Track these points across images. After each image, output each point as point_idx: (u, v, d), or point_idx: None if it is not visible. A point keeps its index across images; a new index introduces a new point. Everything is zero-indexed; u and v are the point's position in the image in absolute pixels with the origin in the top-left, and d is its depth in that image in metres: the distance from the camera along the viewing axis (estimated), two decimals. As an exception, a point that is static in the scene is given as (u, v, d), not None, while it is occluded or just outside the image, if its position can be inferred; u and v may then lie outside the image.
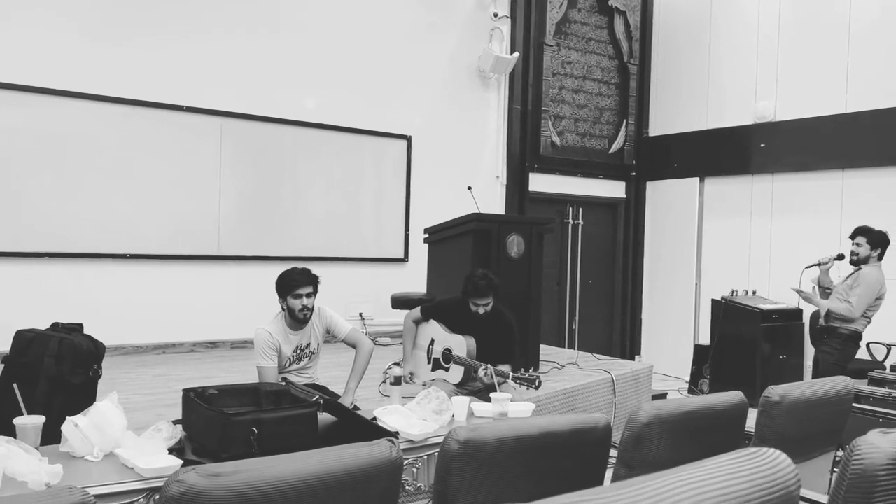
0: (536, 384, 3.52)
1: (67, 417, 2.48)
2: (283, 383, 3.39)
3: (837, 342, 5.16)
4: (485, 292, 3.99)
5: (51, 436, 2.53)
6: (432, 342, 4.26)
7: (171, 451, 2.49)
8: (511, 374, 3.62)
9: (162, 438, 2.52)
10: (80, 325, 3.55)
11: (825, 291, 5.41)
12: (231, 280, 6.61)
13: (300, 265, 3.83)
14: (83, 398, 3.16)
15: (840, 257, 5.34)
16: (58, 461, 2.25)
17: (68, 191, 5.87)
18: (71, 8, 5.87)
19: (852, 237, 5.23)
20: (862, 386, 4.14)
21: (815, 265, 5.40)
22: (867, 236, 5.15)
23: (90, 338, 3.47)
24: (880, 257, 5.17)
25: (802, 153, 7.61)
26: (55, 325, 3.50)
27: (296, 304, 3.65)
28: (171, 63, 6.29)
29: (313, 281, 3.71)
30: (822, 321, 5.25)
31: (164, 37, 6.26)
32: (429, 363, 4.30)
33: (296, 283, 3.65)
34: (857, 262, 5.16)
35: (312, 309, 3.73)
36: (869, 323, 5.21)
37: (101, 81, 5.96)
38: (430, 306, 4.40)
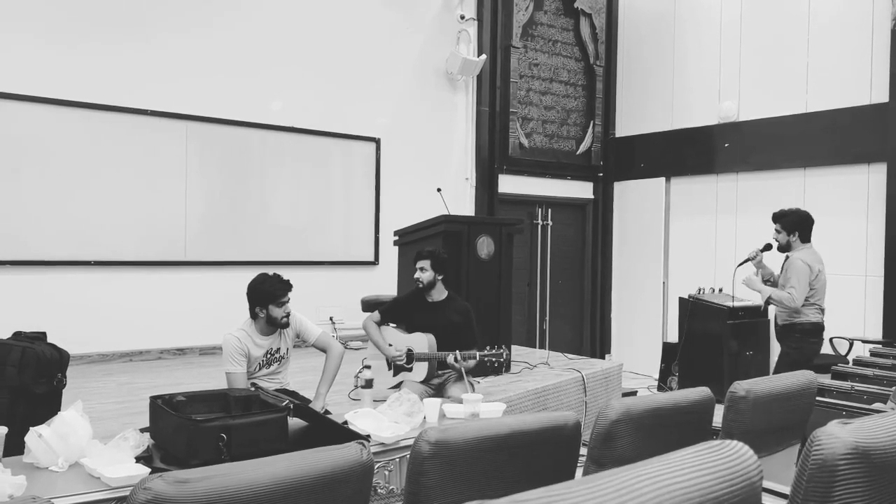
0: (504, 356, 3.96)
1: (31, 428, 2.44)
2: (253, 389, 3.37)
3: (796, 338, 4.87)
4: (423, 256, 4.28)
5: (14, 447, 2.48)
6: (391, 347, 4.29)
7: (138, 459, 2.46)
8: (479, 353, 3.94)
9: (129, 447, 2.48)
10: (44, 334, 3.49)
11: (767, 283, 5.10)
12: (198, 286, 6.53)
13: (269, 270, 3.83)
14: (47, 408, 3.11)
15: (768, 247, 5.07)
16: (21, 472, 2.21)
17: (30, 197, 5.75)
18: (29, 9, 5.76)
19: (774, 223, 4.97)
20: (825, 380, 4.22)
21: (746, 261, 5.14)
22: (780, 222, 4.88)
23: (54, 346, 3.41)
24: (804, 239, 4.87)
25: (765, 152, 7.75)
26: (17, 335, 3.43)
27: (279, 312, 3.68)
28: (133, 66, 6.20)
29: (291, 288, 3.74)
30: (778, 320, 4.98)
31: (126, 39, 6.17)
32: (390, 369, 4.32)
33: (279, 293, 3.67)
34: (781, 248, 4.92)
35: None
36: (822, 312, 4.91)
37: (59, 85, 5.85)
38: (387, 307, 4.46)
